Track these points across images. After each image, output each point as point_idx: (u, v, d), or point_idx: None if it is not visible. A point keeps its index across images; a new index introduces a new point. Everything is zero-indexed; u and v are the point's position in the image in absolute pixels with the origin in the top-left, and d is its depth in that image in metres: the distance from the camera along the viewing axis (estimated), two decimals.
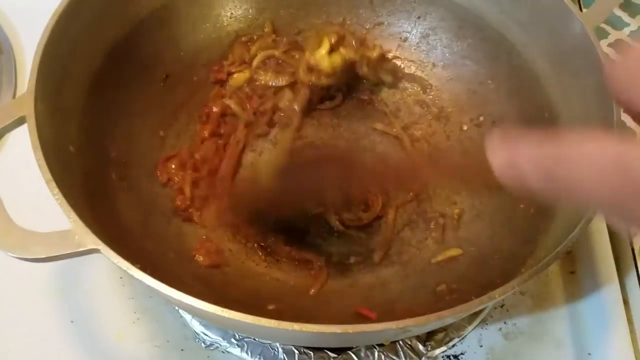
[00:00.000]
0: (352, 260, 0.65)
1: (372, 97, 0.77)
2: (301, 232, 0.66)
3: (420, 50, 0.77)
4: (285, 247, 0.65)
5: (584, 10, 0.85)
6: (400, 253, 0.66)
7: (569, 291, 0.65)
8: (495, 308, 0.64)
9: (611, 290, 0.63)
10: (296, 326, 0.42)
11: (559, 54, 0.63)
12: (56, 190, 0.46)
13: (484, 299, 0.43)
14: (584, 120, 0.59)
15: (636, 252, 0.66)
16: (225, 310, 0.42)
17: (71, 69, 0.59)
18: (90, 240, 0.45)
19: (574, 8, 0.61)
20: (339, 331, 0.42)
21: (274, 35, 0.76)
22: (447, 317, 0.43)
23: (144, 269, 0.45)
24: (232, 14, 0.76)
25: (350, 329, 0.42)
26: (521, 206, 0.62)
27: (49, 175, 0.47)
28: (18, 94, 0.78)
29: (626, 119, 0.72)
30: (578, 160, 0.30)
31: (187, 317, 0.62)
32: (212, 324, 0.61)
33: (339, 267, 0.65)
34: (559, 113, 0.62)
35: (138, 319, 0.62)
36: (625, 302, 0.63)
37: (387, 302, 0.60)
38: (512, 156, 0.33)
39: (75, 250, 0.45)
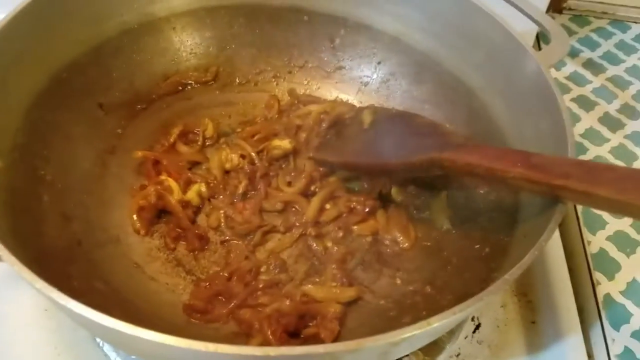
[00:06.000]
0: None
1: None
2: None
3: (380, 95, 0.76)
4: None
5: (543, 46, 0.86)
6: None
7: (529, 342, 0.61)
8: (450, 357, 0.59)
9: (574, 342, 0.58)
10: (211, 347, 0.38)
11: (514, 94, 0.63)
12: None
13: (423, 324, 0.39)
14: None
15: (600, 303, 0.62)
16: (146, 331, 0.38)
17: (12, 83, 0.57)
18: None
19: (529, 47, 0.61)
20: (260, 354, 0.38)
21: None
22: (381, 342, 0.39)
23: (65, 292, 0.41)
24: (192, 50, 0.75)
25: (271, 351, 0.38)
26: (476, 246, 0.59)
27: None
28: None
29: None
30: None
31: (109, 350, 0.56)
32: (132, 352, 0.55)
33: None
34: None
35: (59, 354, 0.56)
36: (590, 356, 0.59)
37: None
38: None
39: None
